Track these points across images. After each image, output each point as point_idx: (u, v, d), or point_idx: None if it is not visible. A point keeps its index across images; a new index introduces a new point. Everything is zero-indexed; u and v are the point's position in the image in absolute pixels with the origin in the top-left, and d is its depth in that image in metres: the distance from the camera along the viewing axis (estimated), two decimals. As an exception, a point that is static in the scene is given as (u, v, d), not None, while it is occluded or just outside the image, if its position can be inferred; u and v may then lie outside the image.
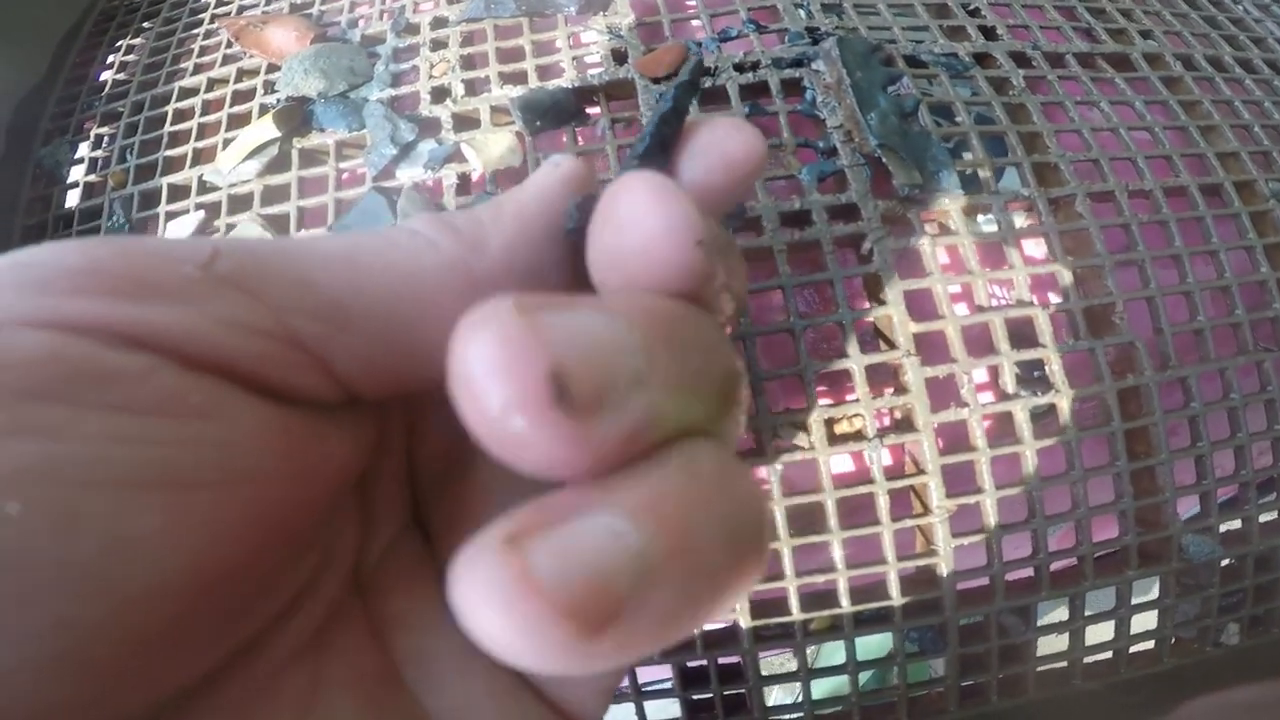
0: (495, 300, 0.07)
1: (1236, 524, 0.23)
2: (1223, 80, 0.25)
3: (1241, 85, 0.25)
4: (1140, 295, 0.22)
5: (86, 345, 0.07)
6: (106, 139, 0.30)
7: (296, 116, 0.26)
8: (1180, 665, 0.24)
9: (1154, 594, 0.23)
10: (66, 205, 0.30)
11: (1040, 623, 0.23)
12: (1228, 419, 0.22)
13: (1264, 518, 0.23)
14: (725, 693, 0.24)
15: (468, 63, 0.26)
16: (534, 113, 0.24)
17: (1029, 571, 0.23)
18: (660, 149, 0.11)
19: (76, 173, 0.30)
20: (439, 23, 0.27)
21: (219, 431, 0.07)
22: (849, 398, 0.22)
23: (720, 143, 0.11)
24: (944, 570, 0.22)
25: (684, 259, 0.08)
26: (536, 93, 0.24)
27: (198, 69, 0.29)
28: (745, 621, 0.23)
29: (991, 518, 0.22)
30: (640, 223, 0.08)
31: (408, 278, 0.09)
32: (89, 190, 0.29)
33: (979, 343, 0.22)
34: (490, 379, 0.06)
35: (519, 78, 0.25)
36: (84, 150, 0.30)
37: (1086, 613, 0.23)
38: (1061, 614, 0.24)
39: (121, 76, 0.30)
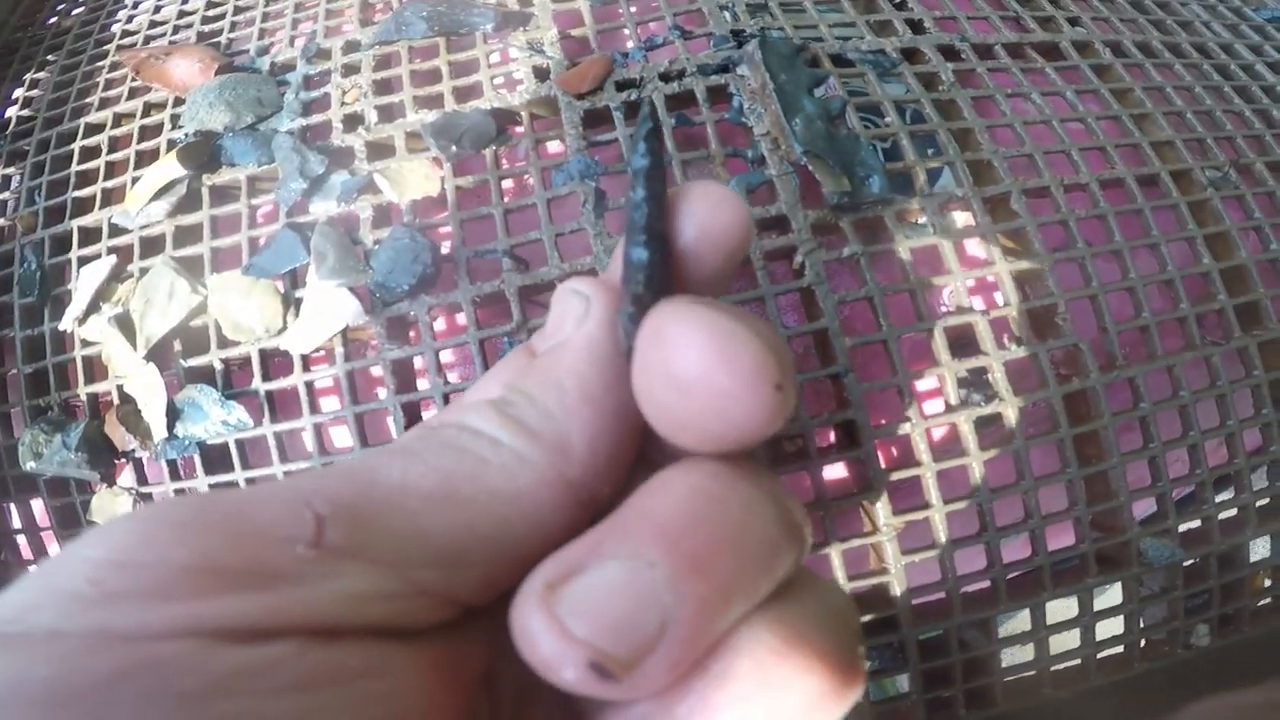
0: (526, 590, 0.08)
1: (1196, 523, 0.23)
2: (1153, 66, 0.24)
3: (1171, 70, 0.24)
4: (1083, 294, 0.22)
5: (232, 645, 0.07)
6: (15, 180, 0.29)
7: (204, 152, 0.25)
8: (1152, 669, 0.24)
9: (1118, 599, 0.23)
10: (-23, 254, 0.29)
11: (1003, 634, 0.23)
12: (1179, 417, 0.22)
13: (1223, 515, 0.23)
14: None
15: (382, 87, 0.25)
16: (449, 137, 0.23)
17: (986, 584, 0.22)
18: (658, 213, 0.11)
19: (-15, 218, 0.29)
20: (351, 47, 0.26)
21: (383, 684, 0.08)
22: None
23: (708, 225, 0.10)
24: (897, 588, 0.22)
25: (765, 411, 0.08)
26: (452, 116, 0.24)
27: (104, 104, 0.28)
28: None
29: (942, 532, 0.21)
30: (709, 382, 0.08)
31: (512, 504, 0.09)
32: (-1, 236, 0.29)
33: (919, 353, 0.21)
34: (551, 671, 0.08)
35: (435, 101, 0.25)
36: (-8, 194, 0.29)
37: (1050, 621, 0.23)
38: (1024, 624, 0.23)
39: (26, 113, 0.29)
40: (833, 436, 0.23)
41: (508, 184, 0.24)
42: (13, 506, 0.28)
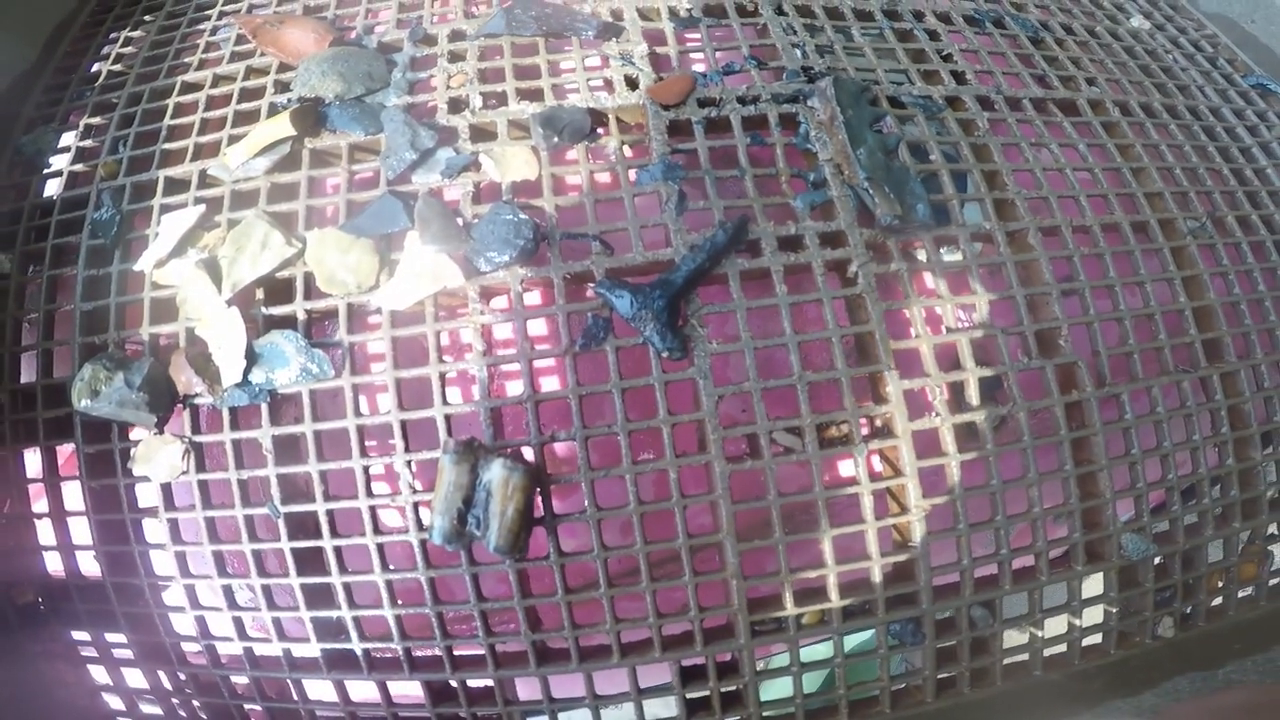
0: None
1: (1165, 526, 0.27)
2: (1152, 125, 0.30)
3: (1167, 130, 0.30)
4: (1081, 321, 0.26)
5: None
6: (96, 130, 0.30)
7: (311, 117, 0.27)
8: (1127, 657, 0.28)
9: (1099, 590, 0.27)
10: (45, 193, 0.30)
11: (1004, 617, 0.27)
12: (1154, 431, 0.26)
13: (1187, 520, 0.27)
14: (722, 690, 0.26)
15: (484, 76, 0.28)
16: (553, 128, 0.26)
17: (993, 568, 0.26)
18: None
19: (59, 162, 0.30)
20: (456, 35, 0.29)
21: None
22: (835, 407, 0.25)
23: None
24: (921, 566, 0.25)
25: None
26: (556, 110, 0.27)
27: (203, 64, 0.30)
28: (742, 617, 0.25)
29: (961, 517, 0.25)
30: None
31: None
32: (73, 179, 0.30)
33: (947, 359, 0.25)
34: None
35: (535, 94, 0.28)
36: (69, 139, 0.30)
37: (1043, 607, 0.27)
38: (1022, 608, 0.27)
39: (118, 68, 0.31)
40: (871, 426, 0.26)
41: (594, 178, 0.27)
42: (29, 453, 0.28)
